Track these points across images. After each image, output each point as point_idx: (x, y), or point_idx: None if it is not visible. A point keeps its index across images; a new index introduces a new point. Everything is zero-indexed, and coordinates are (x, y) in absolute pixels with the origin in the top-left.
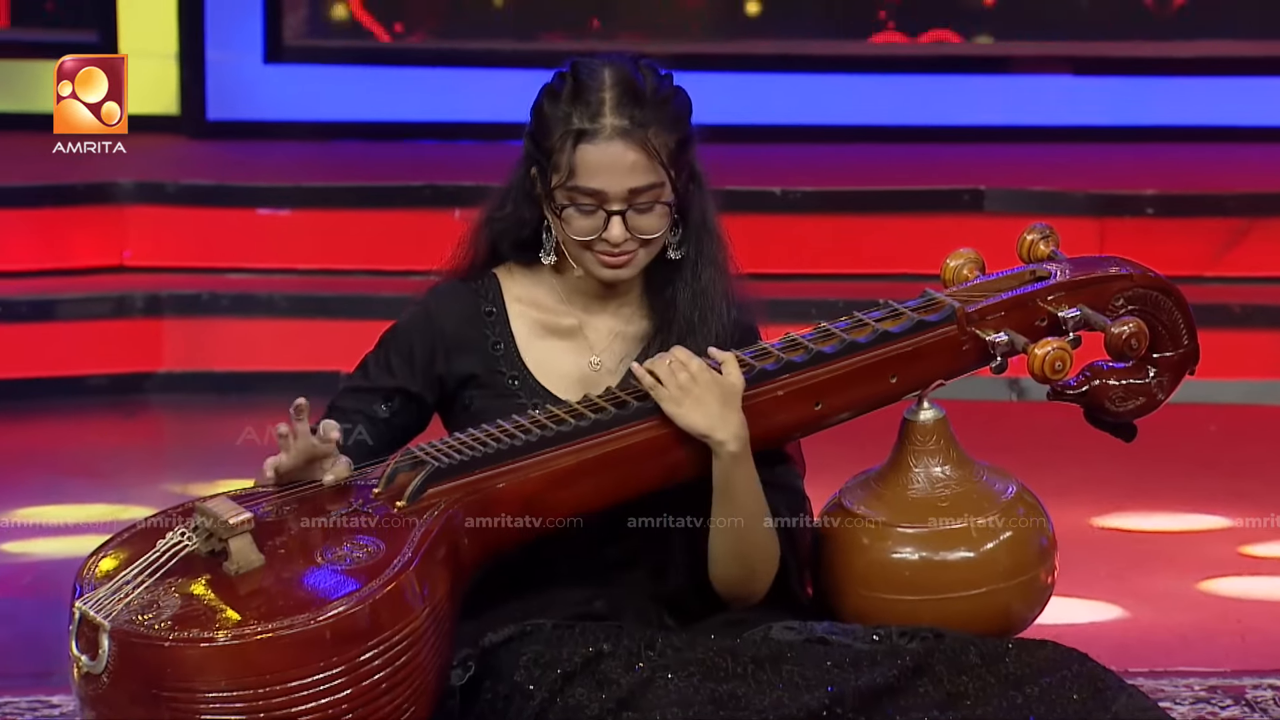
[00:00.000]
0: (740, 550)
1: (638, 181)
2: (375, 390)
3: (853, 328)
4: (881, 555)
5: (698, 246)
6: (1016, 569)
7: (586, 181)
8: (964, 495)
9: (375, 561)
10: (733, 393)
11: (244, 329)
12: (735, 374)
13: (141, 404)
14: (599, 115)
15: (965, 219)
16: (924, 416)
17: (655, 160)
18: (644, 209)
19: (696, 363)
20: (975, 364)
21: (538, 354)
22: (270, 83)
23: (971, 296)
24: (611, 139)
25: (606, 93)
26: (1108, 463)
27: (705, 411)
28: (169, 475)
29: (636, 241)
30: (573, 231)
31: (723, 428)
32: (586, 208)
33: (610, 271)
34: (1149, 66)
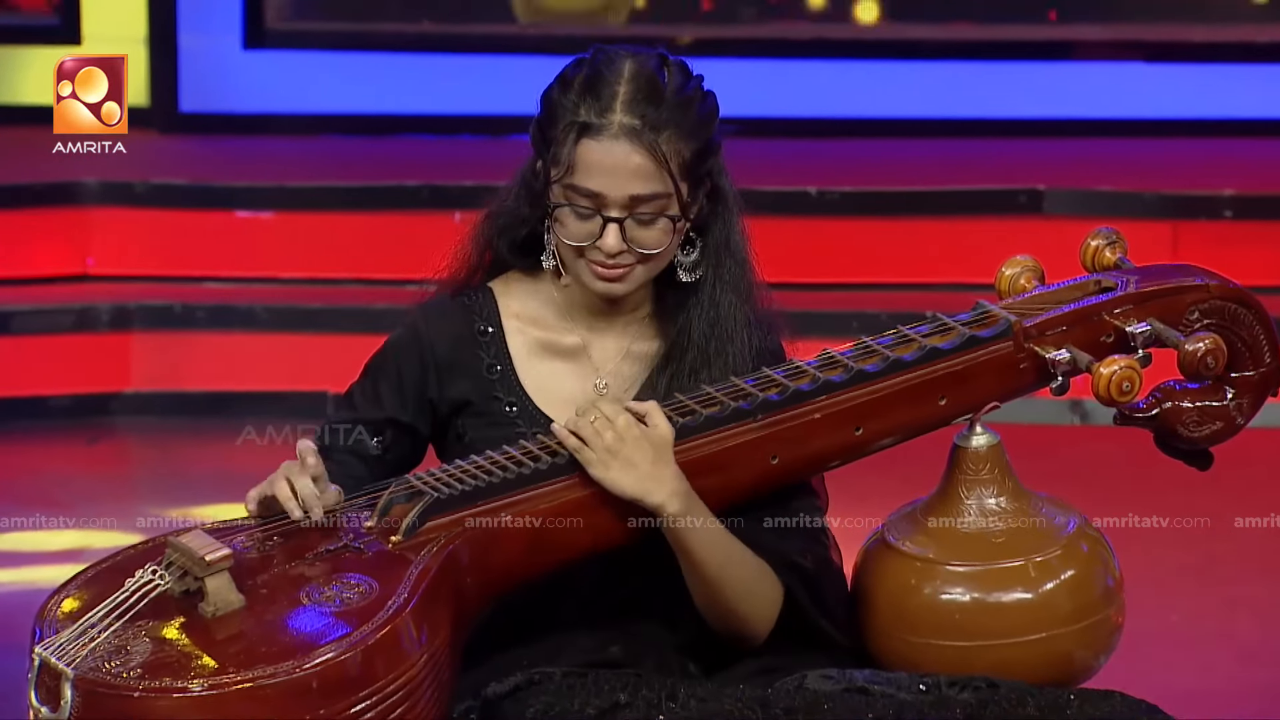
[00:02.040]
0: (721, 602)
1: (641, 189)
2: (364, 424)
3: (897, 344)
4: (929, 596)
5: (716, 271)
6: (1079, 612)
7: (585, 181)
8: (1021, 530)
9: (367, 603)
10: (663, 446)
11: (221, 344)
12: (662, 424)
13: (107, 427)
14: (608, 110)
15: (1023, 222)
16: (976, 442)
17: (663, 168)
18: (645, 220)
19: (623, 419)
20: (1033, 384)
21: (537, 377)
22: (250, 71)
23: (1029, 309)
24: (617, 138)
25: (621, 86)
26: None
27: (636, 474)
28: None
29: (634, 255)
30: (565, 234)
31: (656, 489)
32: (583, 210)
33: (603, 285)
34: (1228, 53)
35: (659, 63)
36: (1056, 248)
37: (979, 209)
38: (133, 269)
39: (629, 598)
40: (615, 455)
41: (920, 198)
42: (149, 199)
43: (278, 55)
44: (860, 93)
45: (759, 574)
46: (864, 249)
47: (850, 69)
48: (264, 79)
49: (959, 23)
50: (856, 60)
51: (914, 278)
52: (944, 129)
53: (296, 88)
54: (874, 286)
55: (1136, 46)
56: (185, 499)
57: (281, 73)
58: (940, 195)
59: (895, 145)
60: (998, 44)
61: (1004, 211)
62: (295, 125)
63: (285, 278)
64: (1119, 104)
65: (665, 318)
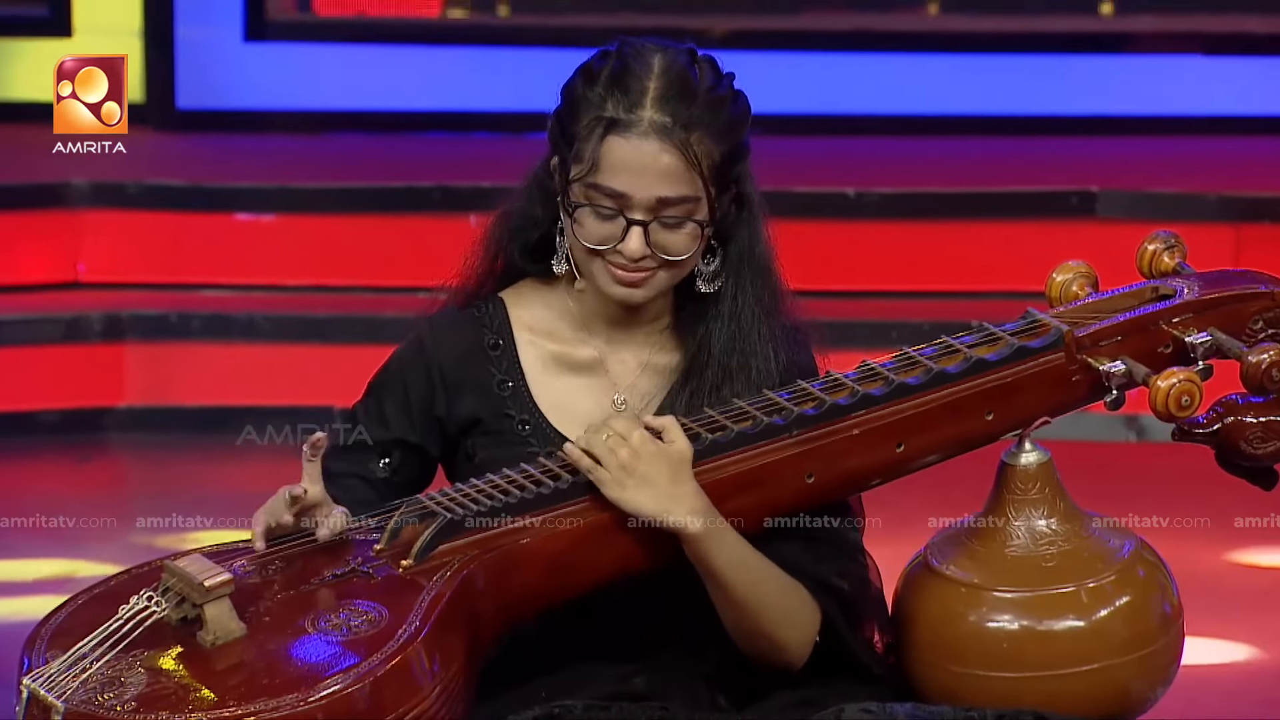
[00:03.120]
0: (752, 626)
1: (669, 191)
2: (370, 446)
3: (941, 355)
4: (975, 624)
5: (738, 282)
6: (1135, 641)
7: (609, 180)
8: (1073, 553)
9: (377, 631)
10: (681, 462)
11: (220, 356)
12: (680, 439)
13: (99, 444)
14: (638, 106)
15: (1075, 225)
16: (1026, 460)
17: (694, 170)
18: (671, 224)
19: (638, 434)
20: (1086, 398)
21: (552, 393)
22: (252, 64)
23: (1082, 318)
24: (647, 135)
25: (652, 82)
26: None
27: (653, 493)
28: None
29: (657, 260)
30: (584, 235)
31: (676, 507)
32: (605, 211)
33: (620, 289)
34: None
35: (689, 59)
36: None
37: (1028, 211)
38: (126, 275)
39: (655, 625)
40: (631, 474)
41: (965, 199)
42: (144, 201)
43: (281, 48)
44: (902, 87)
45: (793, 596)
46: (905, 254)
47: (892, 62)
48: (266, 73)
49: (1007, 14)
50: (899, 53)
51: (959, 284)
52: (991, 126)
53: (301, 83)
54: (916, 294)
55: (1195, 38)
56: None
57: (285, 67)
58: (987, 197)
59: (939, 144)
60: (1048, 36)
61: (1055, 214)
62: (299, 122)
63: (288, 285)
64: (1177, 99)
65: (685, 330)
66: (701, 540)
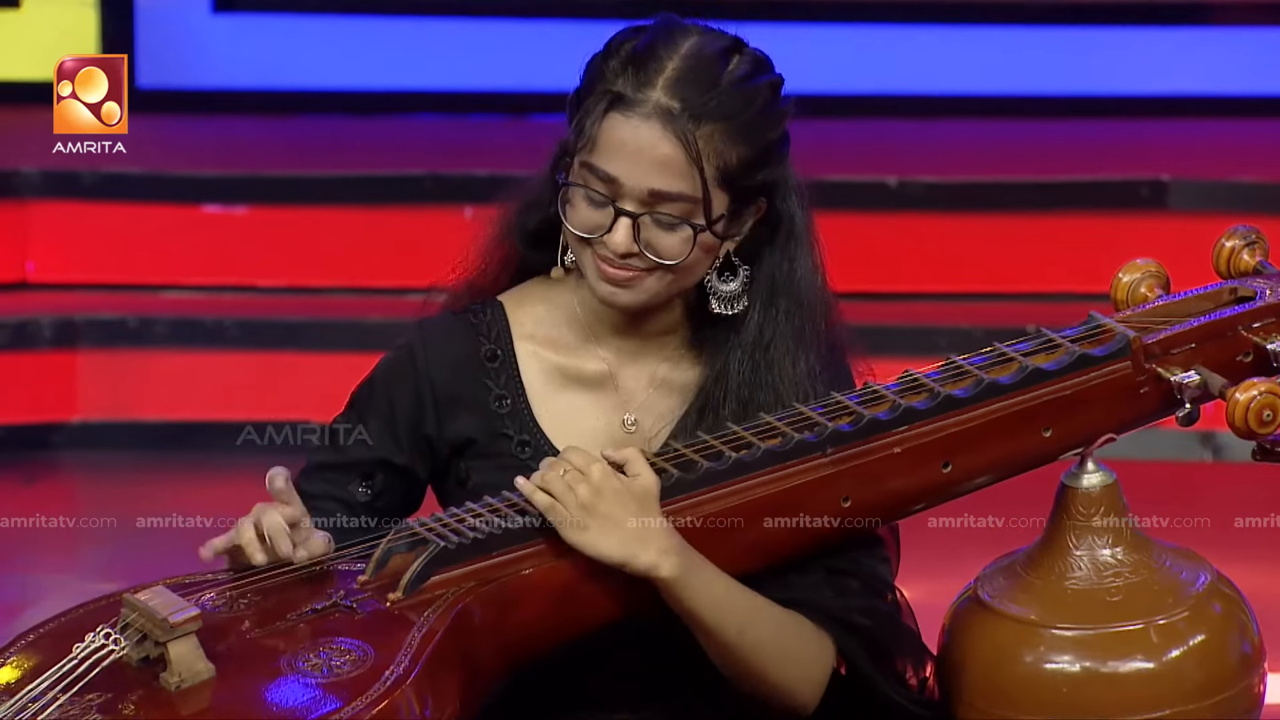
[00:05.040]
0: (748, 671)
1: (663, 184)
2: (350, 466)
3: (993, 364)
4: (1031, 665)
5: (766, 311)
6: (1211, 684)
7: (603, 161)
8: (1141, 586)
9: (361, 672)
10: (647, 498)
11: (184, 365)
12: (645, 472)
13: (49, 464)
14: (647, 85)
15: (1143, 219)
16: (1088, 482)
17: (694, 166)
18: (665, 223)
19: (598, 469)
20: (1156, 412)
21: (555, 410)
22: (220, 38)
23: (1151, 323)
24: (648, 118)
25: (671, 62)
26: None
27: (618, 535)
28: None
29: (647, 261)
30: (573, 220)
31: (642, 550)
32: (596, 195)
33: (605, 287)
34: None
35: (728, 47)
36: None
37: (1091, 203)
38: (79, 275)
39: (665, 667)
40: (592, 514)
41: (1020, 190)
42: (99, 191)
43: (253, 20)
44: (949, 63)
45: (791, 633)
46: (952, 251)
47: (938, 35)
48: (236, 48)
49: None
50: (946, 25)
51: (1013, 285)
52: (1050, 107)
53: (275, 59)
54: (964, 296)
55: None
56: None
57: (257, 41)
58: (1044, 187)
59: (991, 127)
60: (1116, 6)
61: (1122, 206)
62: (274, 103)
63: (261, 286)
64: (1261, 77)
65: (703, 348)
66: (676, 583)
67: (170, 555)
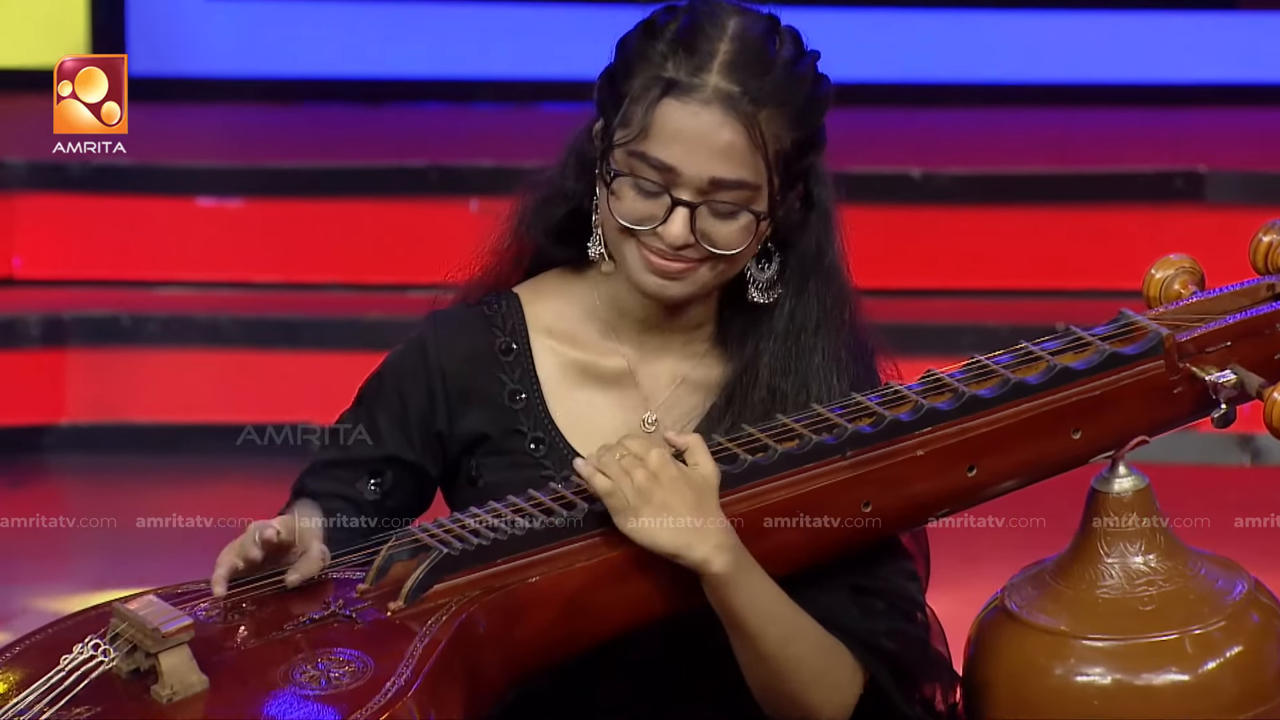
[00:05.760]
0: (781, 688)
1: (725, 171)
2: (358, 464)
3: (1019, 363)
4: (1061, 678)
5: (799, 295)
6: (1248, 697)
7: (658, 150)
8: (1175, 595)
9: (361, 684)
10: (706, 489)
11: (178, 365)
12: (707, 462)
13: (37, 468)
14: (703, 69)
15: (1178, 212)
16: (1120, 486)
17: (759, 153)
18: (724, 212)
19: (656, 455)
20: (1190, 414)
21: (571, 407)
22: (215, 23)
23: (1186, 320)
24: (709, 104)
25: (723, 44)
26: None
27: (672, 524)
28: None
29: (701, 252)
30: (621, 211)
31: (698, 542)
32: (649, 186)
33: (654, 280)
34: None
35: (769, 27)
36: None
37: (1123, 195)
38: (68, 271)
39: (679, 681)
40: (647, 500)
41: (1049, 182)
42: (89, 183)
43: (248, 5)
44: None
45: (831, 656)
46: (978, 245)
47: (964, 20)
48: (231, 34)
49: None
50: (973, 10)
51: (1041, 281)
52: (1081, 96)
53: (272, 45)
54: (991, 293)
55: None
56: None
57: (253, 26)
58: (1075, 179)
59: (1019, 116)
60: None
61: (1155, 198)
62: (271, 91)
63: (258, 282)
64: None
65: (731, 343)
66: (726, 583)
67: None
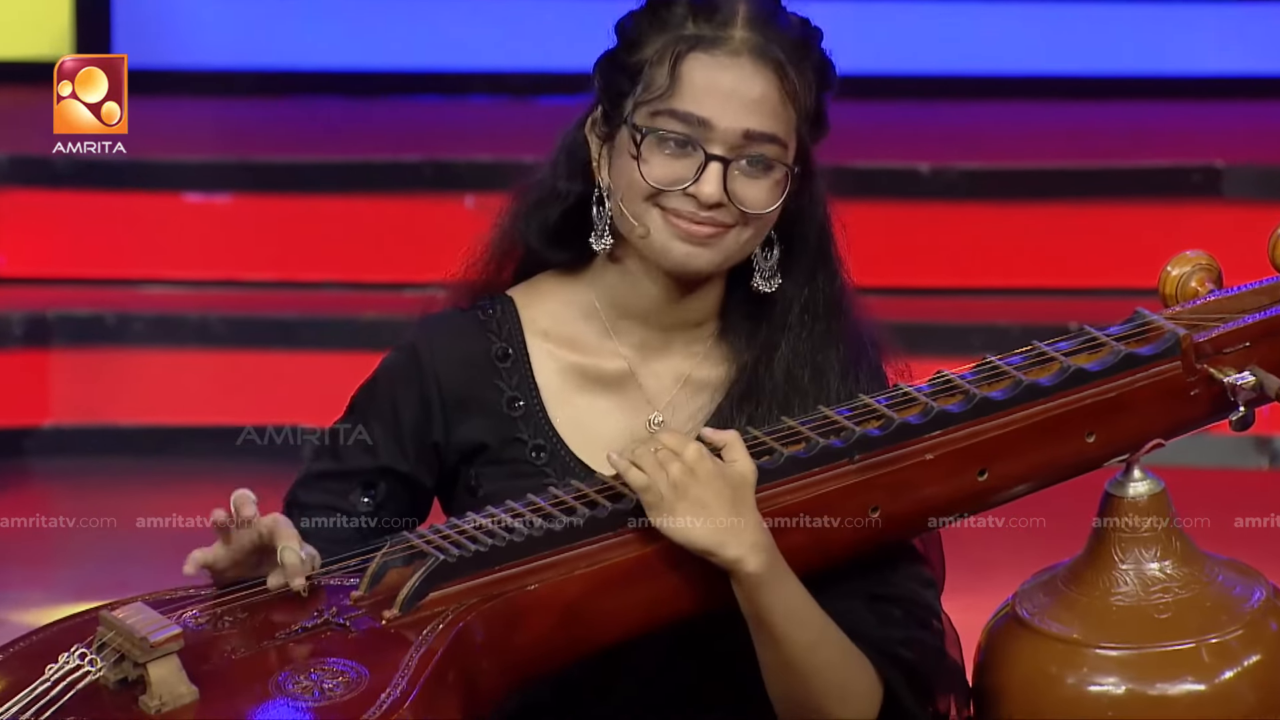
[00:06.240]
0: (804, 696)
1: (760, 123)
2: (350, 475)
3: (1031, 363)
4: (1074, 687)
5: (805, 284)
6: (1266, 707)
7: (690, 104)
8: (1191, 603)
9: (355, 695)
10: (744, 486)
11: (166, 365)
12: (743, 458)
13: (19, 472)
14: (728, 24)
15: (1194, 208)
16: (1135, 491)
17: (789, 104)
18: (756, 169)
19: (693, 450)
20: (1208, 416)
21: (572, 413)
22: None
23: (1202, 320)
24: (738, 53)
25: (741, 5)
26: None
27: (709, 521)
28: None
29: (732, 214)
30: (650, 174)
31: (734, 540)
32: (679, 140)
33: (683, 248)
34: None
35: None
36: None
37: (1138, 191)
38: (52, 269)
39: (688, 688)
40: (683, 495)
41: (1062, 177)
42: (74, 178)
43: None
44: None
45: (854, 665)
46: (989, 243)
47: (974, 11)
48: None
49: None
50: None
51: (1053, 280)
52: (1094, 89)
53: (262, 35)
54: (1002, 291)
55: None
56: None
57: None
58: (1089, 174)
59: (1030, 109)
60: None
61: (1171, 194)
62: (261, 83)
63: (248, 280)
64: None
65: (736, 337)
66: (759, 584)
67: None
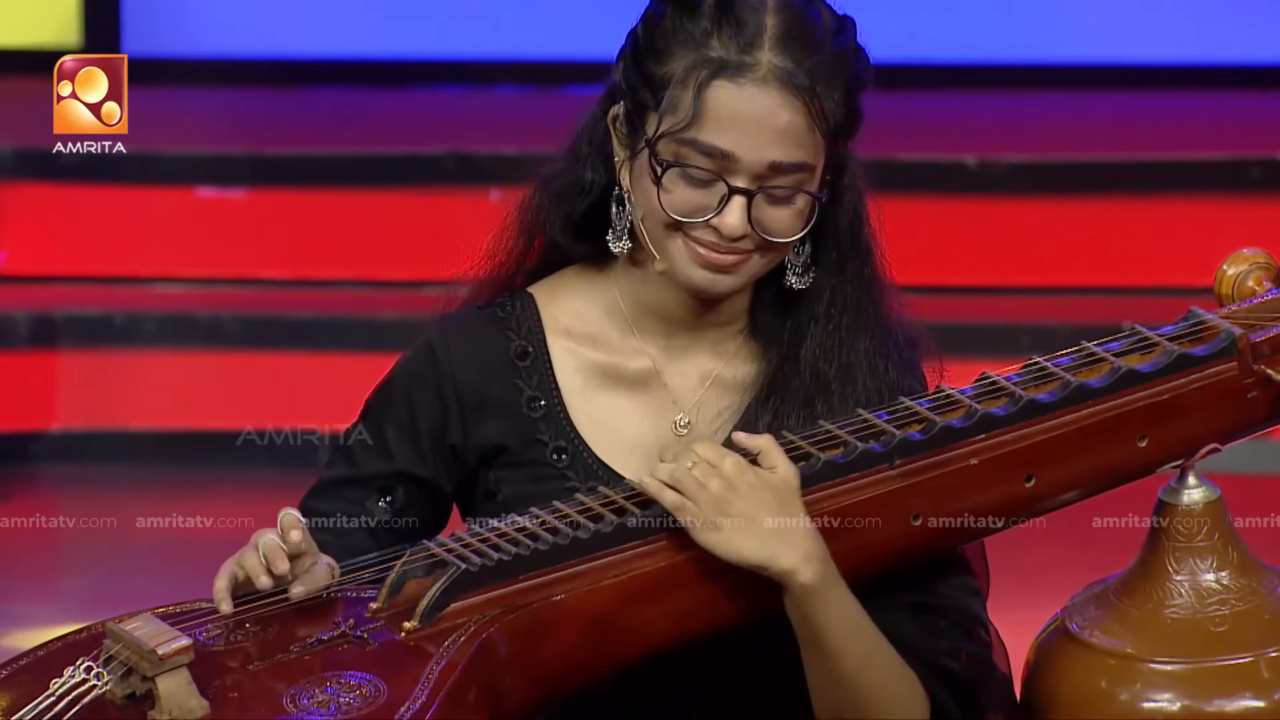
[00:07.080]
0: (851, 713)
1: (785, 154)
2: (367, 481)
3: (1081, 364)
4: (1127, 704)
5: (840, 275)
6: None
7: (714, 136)
8: (1249, 615)
9: (373, 709)
10: (788, 493)
11: (177, 367)
12: (783, 464)
13: (26, 477)
14: (755, 46)
15: (1254, 204)
16: (1189, 498)
17: (816, 130)
18: (780, 197)
19: (730, 461)
20: (1265, 420)
21: (595, 413)
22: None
23: (1260, 319)
24: (765, 83)
25: (769, 17)
26: None
27: (757, 534)
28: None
29: (755, 241)
30: (671, 205)
31: (785, 551)
32: (701, 175)
33: (704, 275)
34: None
35: None
36: None
37: (1194, 185)
38: (58, 266)
39: (720, 707)
40: (726, 511)
41: (1114, 170)
42: (81, 171)
43: None
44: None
45: (904, 682)
46: (1038, 239)
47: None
48: (234, 12)
49: None
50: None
51: (1104, 278)
52: (1147, 78)
53: (278, 23)
54: (1050, 290)
55: None
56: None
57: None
58: (1143, 168)
59: (1081, 100)
60: None
61: (1228, 188)
62: (277, 73)
63: (262, 278)
64: None
65: (765, 335)
66: (812, 595)
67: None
